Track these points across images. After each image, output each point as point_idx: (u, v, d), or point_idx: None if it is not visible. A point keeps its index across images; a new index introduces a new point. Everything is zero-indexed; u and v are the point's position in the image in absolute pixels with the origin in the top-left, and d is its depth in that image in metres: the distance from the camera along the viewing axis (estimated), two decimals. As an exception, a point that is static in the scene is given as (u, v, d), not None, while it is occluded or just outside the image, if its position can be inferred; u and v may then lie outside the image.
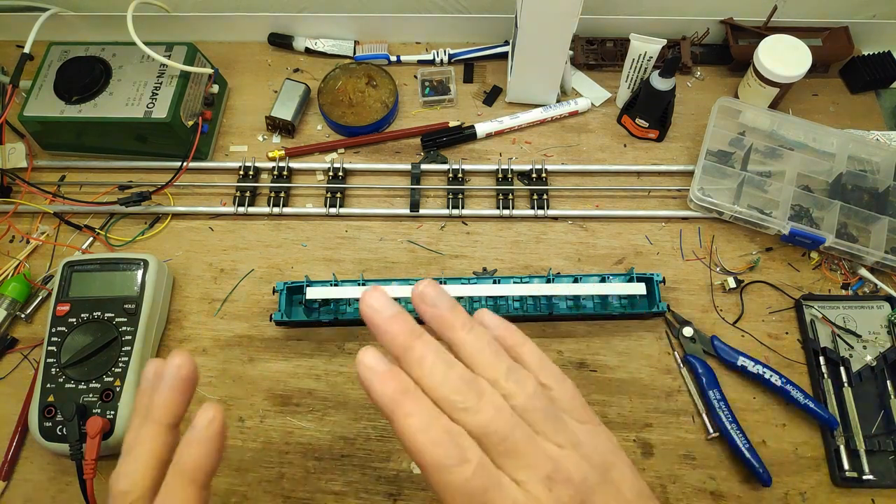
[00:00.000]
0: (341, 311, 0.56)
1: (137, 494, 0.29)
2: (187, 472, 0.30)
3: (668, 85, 0.62)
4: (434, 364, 0.29)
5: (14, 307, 0.58)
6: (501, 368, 0.30)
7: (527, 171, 0.65)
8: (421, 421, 0.28)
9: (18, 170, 0.65)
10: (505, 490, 0.28)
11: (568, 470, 0.29)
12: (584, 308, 0.57)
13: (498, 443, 0.28)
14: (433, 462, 0.27)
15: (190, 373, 0.32)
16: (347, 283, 0.56)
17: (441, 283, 0.56)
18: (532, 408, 0.30)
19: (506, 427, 0.29)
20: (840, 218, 0.60)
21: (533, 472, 0.28)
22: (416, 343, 0.29)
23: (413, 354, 0.29)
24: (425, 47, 0.75)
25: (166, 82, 0.62)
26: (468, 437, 0.28)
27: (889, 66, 0.70)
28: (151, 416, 0.31)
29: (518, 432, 0.29)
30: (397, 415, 0.28)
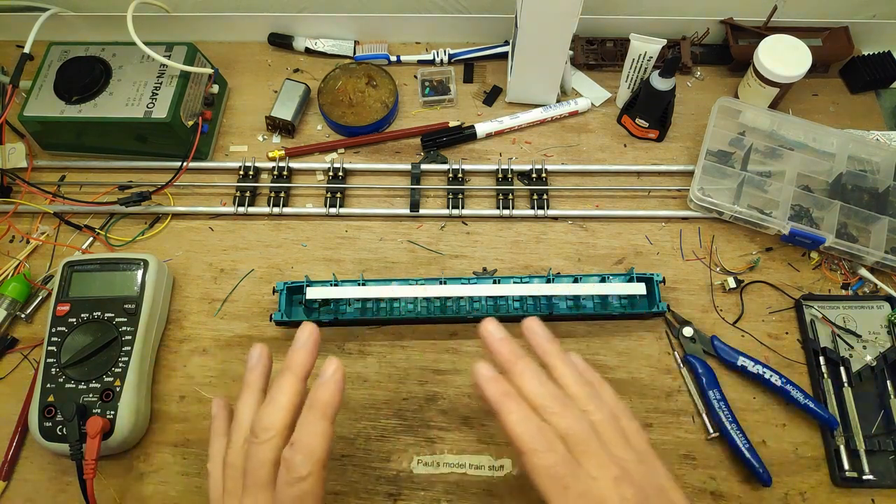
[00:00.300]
0: (341, 311, 0.56)
1: (276, 431, 0.37)
2: (320, 408, 0.37)
3: (668, 85, 0.62)
4: (532, 378, 0.39)
5: (14, 307, 0.58)
6: (584, 392, 0.39)
7: (527, 171, 0.65)
8: (519, 416, 0.37)
9: (18, 170, 0.65)
10: (581, 478, 0.35)
11: (633, 476, 0.36)
12: (584, 308, 0.57)
13: (577, 444, 0.36)
14: (527, 447, 0.36)
15: (318, 337, 0.41)
16: (347, 284, 0.56)
17: (441, 283, 0.56)
18: (605, 426, 0.38)
19: (584, 433, 0.37)
20: (840, 218, 0.60)
21: (604, 471, 0.36)
22: (519, 361, 0.39)
23: (516, 369, 0.39)
24: (425, 47, 0.75)
25: (166, 82, 0.62)
26: (555, 435, 0.36)
27: (889, 66, 0.70)
28: (291, 371, 0.39)
29: (593, 440, 0.37)
30: (502, 410, 0.37)
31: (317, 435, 0.37)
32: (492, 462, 0.52)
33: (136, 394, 0.52)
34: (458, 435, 0.54)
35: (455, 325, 0.58)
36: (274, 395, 0.39)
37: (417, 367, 0.56)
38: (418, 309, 0.56)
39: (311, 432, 0.37)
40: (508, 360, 0.40)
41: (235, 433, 0.39)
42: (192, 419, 0.54)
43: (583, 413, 0.38)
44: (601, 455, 0.37)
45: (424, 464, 0.52)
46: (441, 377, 0.56)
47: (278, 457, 0.36)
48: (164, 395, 0.55)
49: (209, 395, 0.55)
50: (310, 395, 0.38)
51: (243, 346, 0.57)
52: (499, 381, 0.39)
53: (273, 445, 0.37)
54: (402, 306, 0.56)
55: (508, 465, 0.52)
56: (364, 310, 0.56)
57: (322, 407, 0.37)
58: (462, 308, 0.56)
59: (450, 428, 0.54)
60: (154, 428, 0.54)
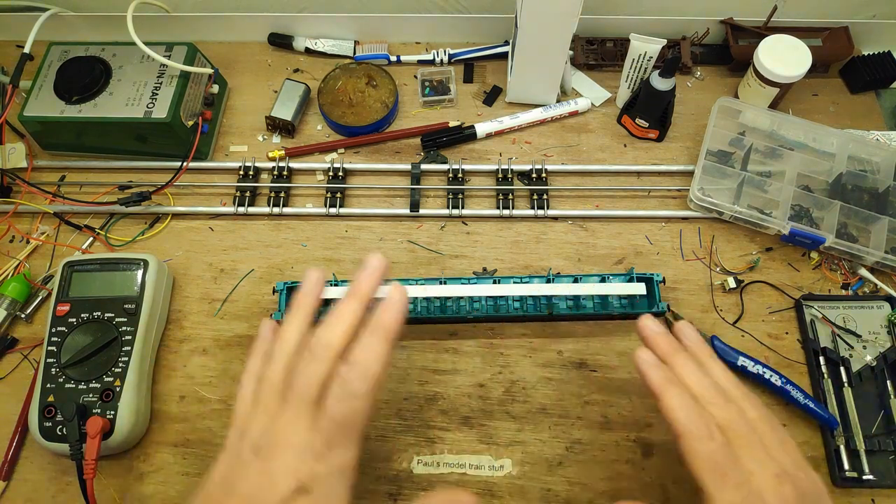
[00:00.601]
0: None
1: (335, 349, 0.37)
2: (382, 330, 0.38)
3: (668, 85, 0.62)
4: (693, 370, 0.41)
5: (14, 307, 0.58)
6: (739, 392, 0.41)
7: (527, 171, 0.65)
8: (682, 402, 0.39)
9: (18, 170, 0.65)
10: (741, 470, 0.36)
11: (794, 477, 0.37)
12: (584, 308, 0.57)
13: (736, 437, 0.38)
14: (688, 432, 0.38)
15: (386, 266, 0.42)
16: (347, 284, 0.56)
17: (441, 283, 0.56)
18: (761, 426, 0.39)
19: (744, 427, 0.38)
20: (840, 218, 0.60)
21: (765, 466, 0.37)
22: (679, 354, 0.42)
23: (677, 360, 0.42)
24: (425, 47, 0.75)
25: (166, 82, 0.62)
26: (715, 424, 0.38)
27: (889, 66, 0.70)
28: (356, 295, 0.40)
29: (753, 435, 0.38)
30: (665, 395, 0.40)
31: (377, 354, 0.37)
32: (492, 462, 0.52)
33: (136, 394, 0.52)
34: (458, 435, 0.54)
35: (455, 325, 0.58)
36: (339, 314, 0.39)
37: (417, 367, 0.56)
38: (418, 309, 0.56)
39: (371, 351, 0.37)
40: (668, 353, 0.42)
41: (280, 350, 0.39)
42: (192, 419, 0.54)
43: (741, 409, 0.39)
44: (760, 451, 0.37)
45: (424, 464, 0.52)
46: (441, 377, 0.56)
47: (330, 374, 0.37)
48: (164, 395, 0.55)
49: (209, 395, 0.55)
50: (374, 318, 0.39)
51: (243, 346, 0.57)
52: (662, 368, 0.41)
53: (329, 362, 0.37)
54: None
55: (508, 465, 0.52)
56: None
57: (384, 329, 0.38)
58: (462, 308, 0.56)
59: (450, 428, 0.54)
60: (154, 428, 0.54)
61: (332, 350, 0.37)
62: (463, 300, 0.56)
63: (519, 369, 0.56)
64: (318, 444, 0.35)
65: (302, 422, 0.36)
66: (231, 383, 0.56)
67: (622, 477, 0.52)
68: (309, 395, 0.36)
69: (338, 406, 0.36)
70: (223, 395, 0.55)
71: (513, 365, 0.57)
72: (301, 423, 0.36)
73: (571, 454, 0.53)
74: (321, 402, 0.36)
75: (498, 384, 0.56)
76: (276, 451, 0.35)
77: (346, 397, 0.36)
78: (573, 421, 0.54)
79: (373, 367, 0.37)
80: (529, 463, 0.52)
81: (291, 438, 0.35)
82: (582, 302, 0.57)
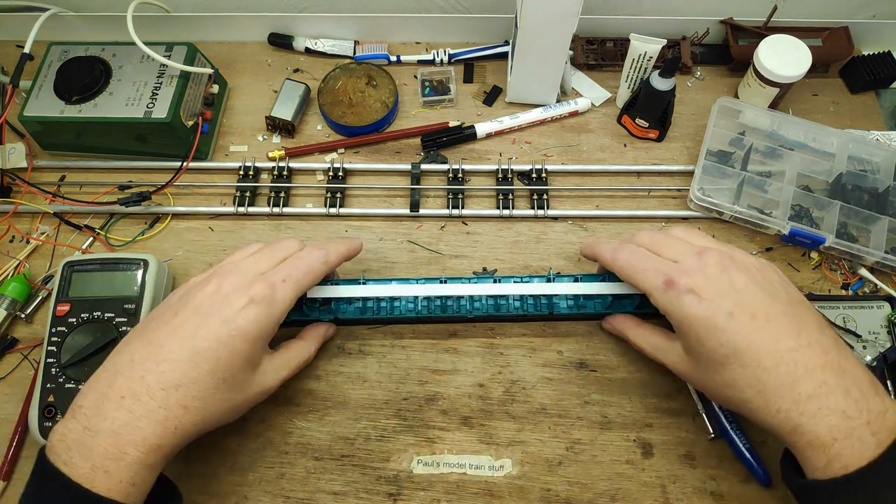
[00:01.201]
0: (341, 310, 0.56)
1: (323, 267, 0.50)
2: (330, 246, 0.51)
3: (668, 85, 0.62)
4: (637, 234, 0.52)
5: (14, 307, 0.58)
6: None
7: (527, 171, 0.65)
8: (629, 251, 0.50)
9: (18, 170, 0.65)
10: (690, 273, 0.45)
11: (742, 262, 0.46)
12: (585, 308, 0.57)
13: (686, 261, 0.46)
14: (638, 270, 0.47)
15: (356, 250, 0.55)
16: (347, 283, 0.56)
17: (441, 282, 0.56)
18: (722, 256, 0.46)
19: (694, 259, 0.46)
20: (840, 218, 0.60)
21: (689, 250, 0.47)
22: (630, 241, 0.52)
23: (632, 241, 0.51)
24: (425, 47, 0.75)
25: (166, 82, 0.62)
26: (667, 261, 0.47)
27: (889, 66, 0.70)
28: (325, 248, 0.51)
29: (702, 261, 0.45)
30: (618, 258, 0.49)
31: (315, 258, 0.49)
32: (492, 462, 0.53)
33: (136, 394, 0.52)
34: (458, 435, 0.54)
35: (455, 324, 0.58)
36: (327, 248, 0.51)
37: (417, 367, 0.56)
38: (418, 308, 0.56)
39: (312, 255, 0.49)
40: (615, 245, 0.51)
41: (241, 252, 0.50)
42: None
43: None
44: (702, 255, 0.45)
45: (424, 464, 0.52)
46: (441, 377, 0.56)
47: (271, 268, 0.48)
48: (164, 395, 0.55)
49: (209, 395, 0.55)
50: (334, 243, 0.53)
51: (243, 346, 0.57)
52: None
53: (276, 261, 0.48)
54: (402, 306, 0.56)
55: (508, 465, 0.52)
56: (364, 309, 0.56)
57: (333, 247, 0.51)
58: (462, 307, 0.56)
59: (450, 428, 0.54)
60: (154, 428, 0.54)
61: (284, 252, 0.49)
62: (463, 299, 0.56)
63: (519, 369, 0.56)
64: (266, 275, 0.47)
65: (254, 264, 0.47)
66: (231, 383, 0.56)
67: (622, 477, 0.52)
68: (257, 268, 0.47)
69: (278, 276, 0.47)
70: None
71: (513, 365, 0.57)
72: (254, 263, 0.47)
73: (571, 454, 0.53)
74: (258, 282, 0.46)
75: (498, 384, 0.56)
76: (229, 275, 0.46)
77: (289, 274, 0.47)
78: (573, 421, 0.54)
79: (312, 261, 0.48)
80: (529, 463, 0.53)
81: (243, 267, 0.47)
82: (583, 301, 0.57)
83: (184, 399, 0.41)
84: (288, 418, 0.54)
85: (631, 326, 0.53)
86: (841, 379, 0.39)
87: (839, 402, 0.38)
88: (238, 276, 0.46)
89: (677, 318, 0.44)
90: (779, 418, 0.39)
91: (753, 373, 0.40)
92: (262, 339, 0.45)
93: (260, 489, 0.52)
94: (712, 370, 0.43)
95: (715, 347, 0.42)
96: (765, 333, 0.40)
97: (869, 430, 0.37)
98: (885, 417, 0.38)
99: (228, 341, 0.42)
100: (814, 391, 0.39)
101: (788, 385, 0.39)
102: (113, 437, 0.39)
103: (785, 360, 0.40)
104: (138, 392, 0.41)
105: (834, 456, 0.37)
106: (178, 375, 0.41)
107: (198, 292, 0.45)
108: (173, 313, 0.44)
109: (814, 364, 0.39)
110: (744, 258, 0.46)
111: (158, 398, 0.41)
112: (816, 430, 0.38)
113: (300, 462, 0.53)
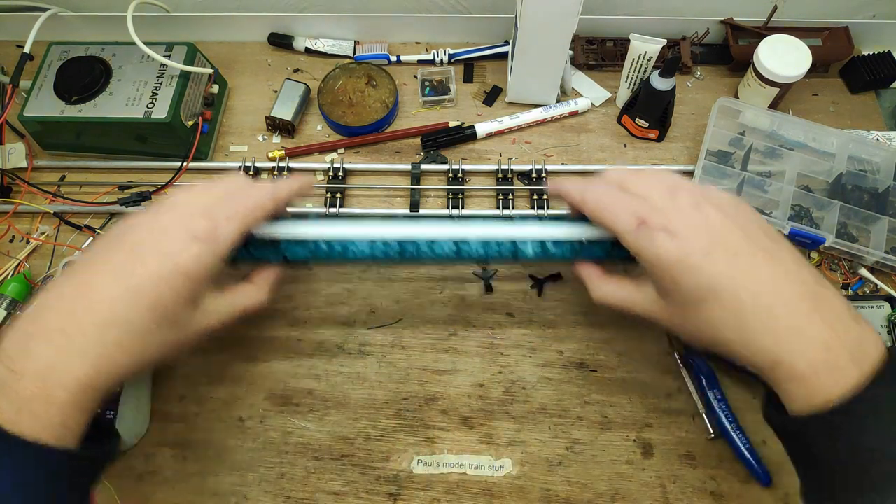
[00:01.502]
0: (291, 251, 0.49)
1: (271, 204, 0.46)
2: (276, 184, 0.48)
3: (668, 85, 0.62)
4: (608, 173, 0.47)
5: (14, 307, 0.58)
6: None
7: (527, 171, 0.65)
8: (599, 191, 0.45)
9: (18, 170, 0.65)
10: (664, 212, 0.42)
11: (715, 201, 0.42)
12: (551, 254, 0.50)
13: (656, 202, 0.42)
14: (611, 215, 0.43)
15: (306, 188, 0.51)
16: (297, 221, 0.50)
17: (405, 218, 0.53)
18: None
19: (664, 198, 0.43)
20: (840, 218, 0.60)
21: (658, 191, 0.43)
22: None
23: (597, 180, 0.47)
24: (425, 47, 0.75)
25: (166, 82, 0.62)
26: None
27: (889, 66, 0.70)
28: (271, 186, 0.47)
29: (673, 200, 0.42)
30: (586, 196, 0.45)
31: (265, 189, 0.46)
32: (492, 462, 0.53)
33: (136, 394, 0.52)
34: (458, 435, 0.54)
35: (417, 267, 0.59)
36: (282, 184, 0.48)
37: (417, 367, 0.57)
38: (376, 253, 0.50)
39: (264, 186, 0.46)
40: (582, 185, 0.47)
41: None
42: (192, 419, 0.54)
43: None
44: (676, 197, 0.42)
45: (424, 464, 0.52)
46: (441, 377, 0.56)
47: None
48: (164, 395, 0.55)
49: (209, 395, 0.55)
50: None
51: (243, 346, 0.57)
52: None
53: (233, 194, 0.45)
54: (356, 248, 0.50)
55: (508, 465, 0.52)
56: (316, 250, 0.50)
57: (283, 183, 0.48)
58: (423, 253, 0.50)
59: (450, 428, 0.54)
60: (154, 428, 0.54)
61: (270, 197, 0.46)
62: (422, 244, 0.50)
63: (519, 369, 0.56)
64: (210, 211, 0.43)
65: (197, 198, 0.44)
66: (231, 383, 0.56)
67: (622, 477, 0.52)
68: (200, 203, 0.44)
69: (222, 212, 0.43)
70: (223, 395, 0.55)
71: (513, 365, 0.57)
72: (197, 198, 0.44)
73: (571, 454, 0.53)
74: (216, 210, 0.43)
75: (498, 384, 0.56)
76: (170, 211, 0.43)
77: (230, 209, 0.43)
78: (573, 421, 0.54)
79: (258, 199, 0.45)
80: (529, 463, 0.53)
81: (185, 201, 0.44)
82: (549, 246, 0.50)
83: (119, 338, 0.38)
84: (288, 418, 0.54)
85: (594, 279, 0.48)
86: (820, 309, 0.38)
87: (819, 333, 0.37)
88: (179, 211, 0.43)
89: (650, 259, 0.41)
90: (759, 354, 0.38)
91: (732, 310, 0.39)
92: (204, 278, 0.42)
93: (260, 489, 0.52)
94: (689, 311, 0.41)
95: (691, 287, 0.40)
96: (741, 270, 0.39)
97: (850, 360, 0.36)
98: (865, 346, 0.37)
99: (169, 278, 0.40)
100: (793, 324, 0.37)
101: (767, 320, 0.38)
102: (40, 378, 0.36)
103: (763, 295, 0.38)
104: (68, 329, 0.37)
105: (815, 388, 0.36)
106: (112, 313, 0.38)
107: (135, 229, 0.42)
108: (108, 250, 0.41)
109: (792, 296, 0.38)
110: (717, 194, 0.43)
111: (91, 336, 0.38)
112: (797, 363, 0.37)
113: (300, 462, 0.53)
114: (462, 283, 0.60)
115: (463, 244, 0.49)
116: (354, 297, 0.60)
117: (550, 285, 0.60)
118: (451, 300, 0.59)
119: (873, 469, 0.35)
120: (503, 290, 0.60)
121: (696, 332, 0.42)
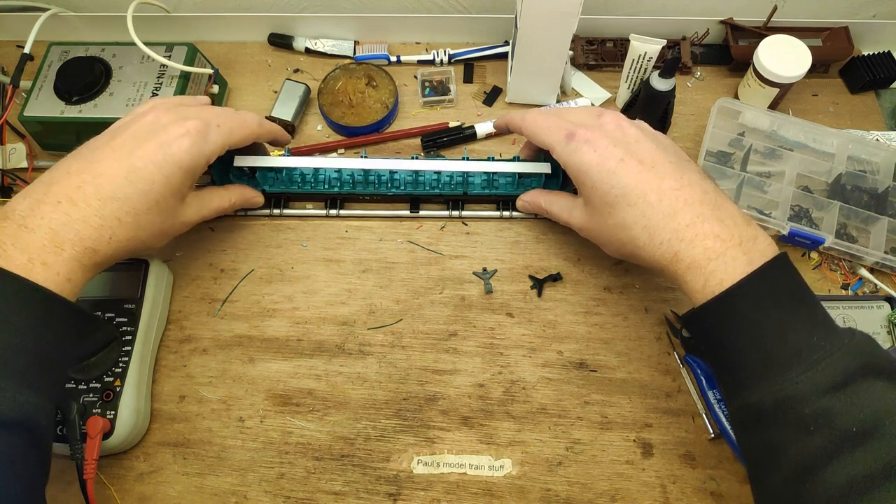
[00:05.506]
0: (269, 180, 0.62)
1: (256, 129, 0.55)
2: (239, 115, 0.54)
3: (668, 85, 0.62)
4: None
5: (14, 307, 0.58)
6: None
7: (527, 172, 0.65)
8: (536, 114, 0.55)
9: (19, 170, 0.65)
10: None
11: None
12: (498, 187, 0.61)
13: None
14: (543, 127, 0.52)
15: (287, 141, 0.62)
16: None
17: (362, 157, 0.61)
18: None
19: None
20: (840, 218, 0.60)
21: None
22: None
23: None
24: (425, 47, 0.75)
25: (166, 83, 0.62)
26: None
27: (889, 66, 0.70)
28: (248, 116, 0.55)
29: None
30: (525, 120, 0.54)
31: (253, 115, 0.55)
32: (492, 462, 0.53)
33: (136, 394, 0.52)
34: (458, 435, 0.54)
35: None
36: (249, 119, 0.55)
37: (417, 367, 0.57)
38: (342, 182, 0.61)
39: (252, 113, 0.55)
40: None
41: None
42: (192, 419, 0.54)
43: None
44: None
45: (424, 464, 0.53)
46: (441, 377, 0.56)
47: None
48: (164, 395, 0.55)
49: (209, 395, 0.55)
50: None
51: (243, 346, 0.57)
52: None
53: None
54: (326, 178, 0.61)
55: (508, 465, 0.52)
56: (290, 182, 0.61)
57: (269, 122, 0.57)
58: (383, 183, 0.61)
59: (450, 428, 0.54)
60: (154, 428, 0.54)
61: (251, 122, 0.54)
62: (383, 174, 0.61)
63: (519, 369, 0.56)
64: (203, 115, 0.50)
65: (192, 104, 0.53)
66: (231, 383, 0.56)
67: (622, 477, 0.52)
68: (196, 110, 0.51)
69: (214, 119, 0.50)
70: (223, 395, 0.55)
71: (513, 365, 0.57)
72: (192, 103, 0.53)
73: (571, 454, 0.53)
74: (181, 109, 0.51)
75: (498, 384, 0.56)
76: (169, 111, 0.49)
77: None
78: (573, 421, 0.54)
79: (245, 119, 0.53)
80: (529, 463, 0.53)
81: (181, 104, 0.51)
82: (495, 178, 0.61)
83: (118, 212, 0.44)
84: (288, 418, 0.54)
85: (541, 195, 0.58)
86: (716, 211, 0.43)
87: (713, 227, 0.42)
88: (176, 112, 0.49)
89: (575, 167, 0.48)
90: (661, 249, 0.44)
91: (640, 209, 0.45)
92: (192, 171, 0.48)
93: (260, 489, 0.52)
94: (605, 214, 0.47)
95: (607, 190, 0.46)
96: (651, 175, 0.45)
97: (741, 251, 0.41)
98: (756, 242, 0.42)
99: (163, 164, 0.46)
100: (691, 220, 0.43)
101: (669, 217, 0.44)
102: (50, 233, 0.41)
103: (668, 196, 0.44)
104: (75, 198, 0.43)
105: (710, 274, 0.41)
106: (113, 189, 0.44)
107: (137, 120, 0.48)
108: (111, 136, 0.48)
109: (693, 199, 0.44)
110: (640, 123, 0.50)
111: (94, 206, 0.43)
112: (693, 253, 0.42)
113: (300, 462, 0.53)
114: (462, 283, 0.60)
115: (420, 174, 0.61)
116: (354, 297, 0.60)
117: (550, 285, 0.60)
118: (451, 300, 0.59)
119: (768, 345, 0.39)
120: (503, 290, 0.60)
121: (612, 235, 0.48)
